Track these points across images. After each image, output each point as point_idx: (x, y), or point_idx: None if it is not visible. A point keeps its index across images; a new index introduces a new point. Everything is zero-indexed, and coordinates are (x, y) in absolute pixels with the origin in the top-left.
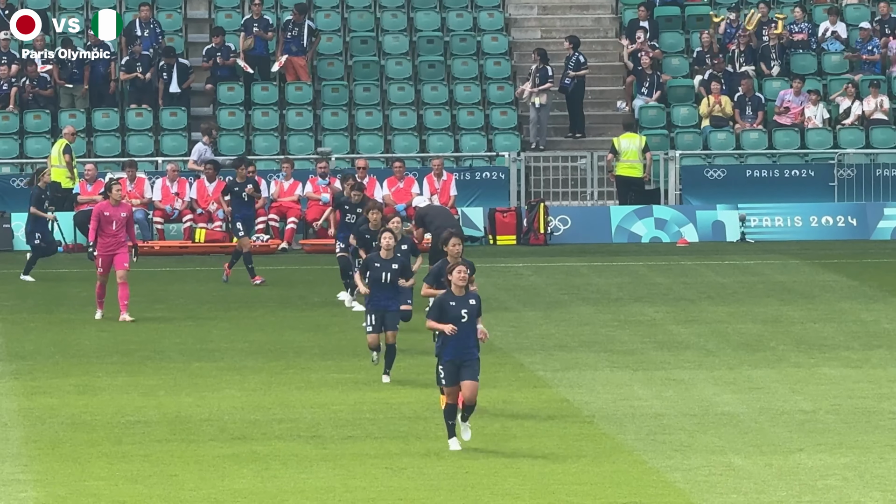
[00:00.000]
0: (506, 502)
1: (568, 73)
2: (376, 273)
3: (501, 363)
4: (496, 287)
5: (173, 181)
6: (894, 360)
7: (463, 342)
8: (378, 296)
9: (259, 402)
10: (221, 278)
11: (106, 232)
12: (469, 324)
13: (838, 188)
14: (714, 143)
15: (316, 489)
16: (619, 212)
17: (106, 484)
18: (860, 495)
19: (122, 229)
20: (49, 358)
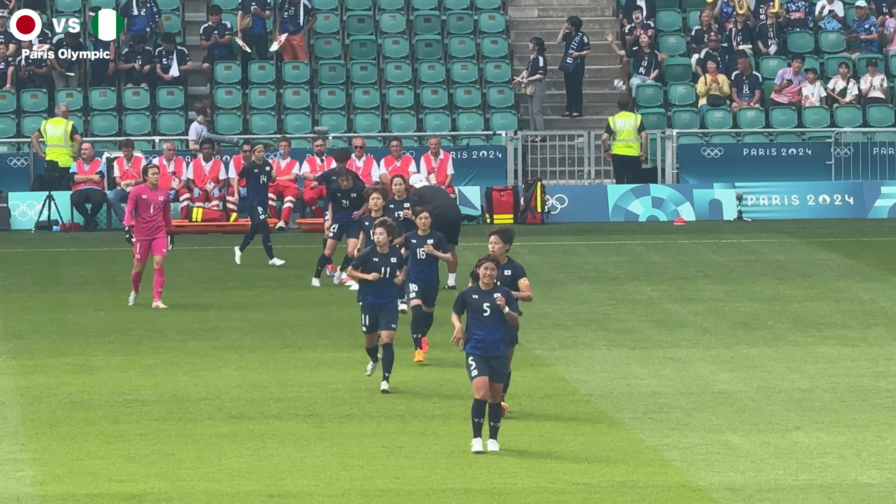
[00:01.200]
0: (503, 480)
1: (570, 53)
2: (375, 267)
3: None
4: None
5: (170, 160)
6: (891, 338)
7: (489, 337)
8: (371, 293)
9: (256, 380)
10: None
11: (143, 216)
12: (493, 318)
13: (835, 167)
14: (711, 121)
15: (313, 468)
16: (616, 191)
17: (103, 463)
18: (857, 473)
19: (159, 213)
20: (46, 337)
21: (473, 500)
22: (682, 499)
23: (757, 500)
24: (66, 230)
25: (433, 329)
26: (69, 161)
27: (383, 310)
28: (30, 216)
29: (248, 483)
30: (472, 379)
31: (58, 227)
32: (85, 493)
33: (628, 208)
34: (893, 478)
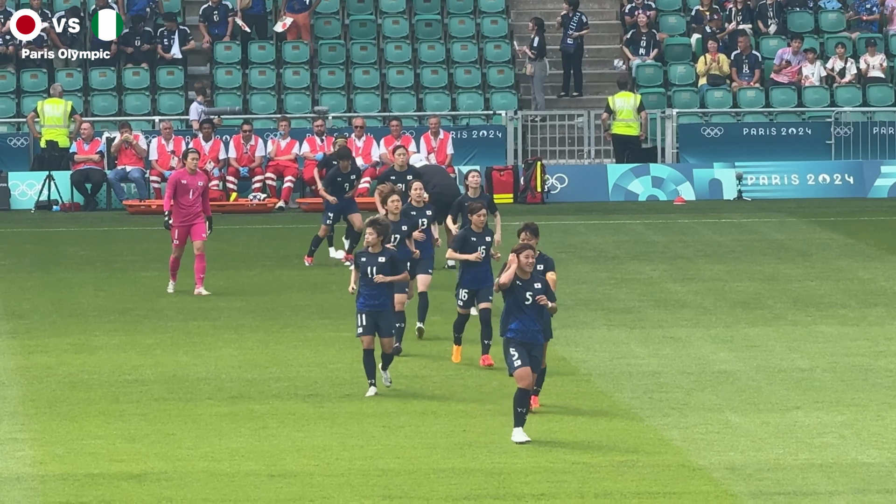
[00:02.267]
0: (503, 460)
1: (570, 33)
2: (362, 267)
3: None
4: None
5: (168, 140)
6: (891, 317)
7: (530, 326)
8: (367, 294)
9: (256, 360)
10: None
11: (182, 202)
12: (534, 306)
13: (835, 146)
14: (711, 101)
15: (313, 448)
16: (616, 170)
17: (103, 443)
18: (857, 453)
19: (198, 199)
20: (46, 317)
21: (474, 480)
22: (682, 478)
23: (757, 479)
24: (66, 210)
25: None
26: (67, 141)
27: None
28: (30, 196)
29: (248, 463)
30: (515, 369)
31: (58, 207)
32: (85, 473)
33: (628, 188)
34: (893, 457)
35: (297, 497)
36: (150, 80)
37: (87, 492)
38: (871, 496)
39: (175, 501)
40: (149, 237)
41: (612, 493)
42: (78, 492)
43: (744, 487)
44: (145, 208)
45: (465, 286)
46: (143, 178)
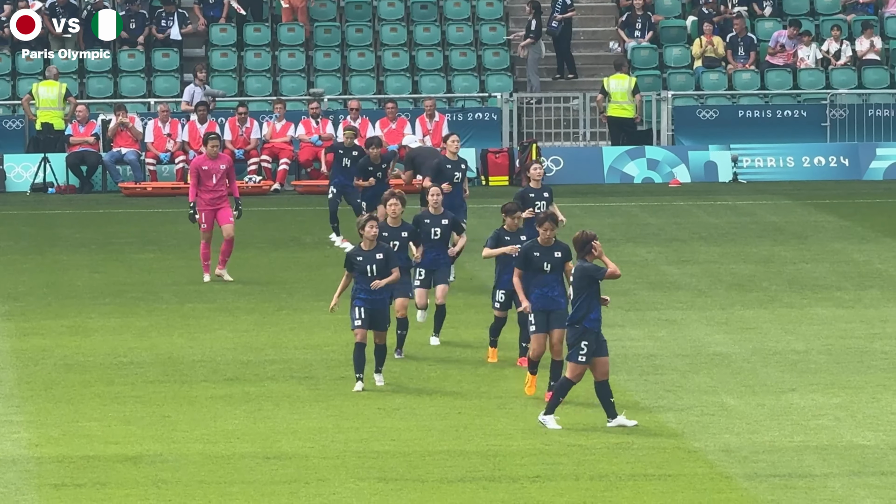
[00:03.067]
0: (497, 442)
1: (555, 16)
2: (360, 266)
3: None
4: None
5: (165, 122)
6: (886, 300)
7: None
8: (367, 289)
9: (251, 342)
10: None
11: (206, 186)
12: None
13: (830, 128)
14: (706, 83)
15: (308, 430)
16: (612, 152)
17: (99, 425)
18: (852, 435)
19: (222, 182)
20: (42, 299)
21: (469, 462)
22: (677, 461)
23: (752, 461)
24: (62, 192)
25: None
26: (62, 123)
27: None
28: (25, 178)
29: (243, 445)
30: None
31: (53, 190)
32: (80, 456)
33: (623, 170)
34: (888, 439)
35: (292, 479)
36: (146, 62)
37: (82, 474)
38: (866, 478)
39: (170, 483)
40: (144, 219)
41: (607, 476)
42: (73, 474)
43: (739, 470)
44: (140, 191)
45: (503, 287)
46: (139, 161)
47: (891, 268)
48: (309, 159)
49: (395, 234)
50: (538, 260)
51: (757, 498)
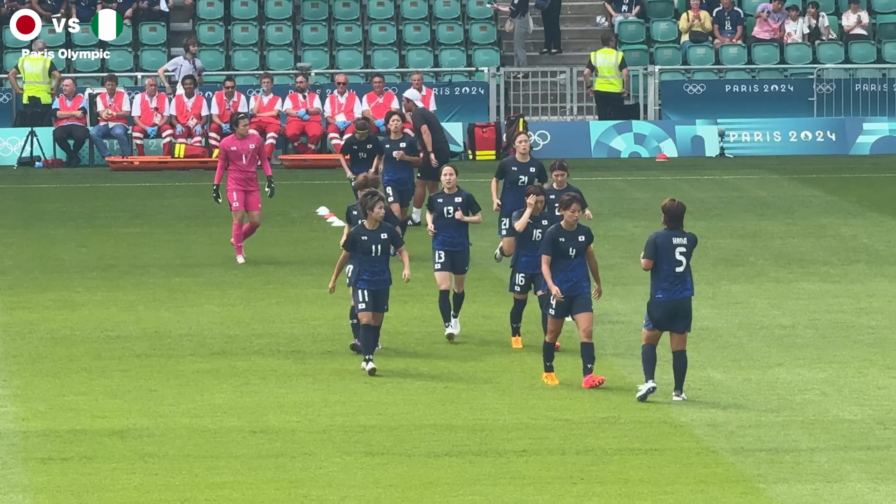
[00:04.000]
0: (485, 416)
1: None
2: (365, 246)
3: (480, 279)
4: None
5: (152, 96)
6: (873, 274)
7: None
8: (370, 271)
9: (238, 317)
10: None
11: (237, 167)
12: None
13: (817, 103)
14: (693, 58)
15: (295, 404)
16: (599, 127)
17: (85, 399)
18: (838, 409)
19: (252, 162)
20: (28, 273)
21: (456, 437)
22: (664, 435)
23: (738, 436)
24: (49, 166)
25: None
26: (49, 97)
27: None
28: (12, 152)
29: (230, 419)
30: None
31: (40, 164)
32: (67, 429)
33: (610, 144)
34: (875, 414)
35: (279, 453)
36: (133, 35)
37: (69, 448)
38: (852, 453)
39: (157, 457)
40: (131, 193)
41: (593, 450)
42: (60, 448)
43: (725, 444)
44: (128, 165)
45: (522, 270)
46: (126, 135)
47: (877, 242)
48: (296, 133)
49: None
50: (564, 245)
51: (743, 472)
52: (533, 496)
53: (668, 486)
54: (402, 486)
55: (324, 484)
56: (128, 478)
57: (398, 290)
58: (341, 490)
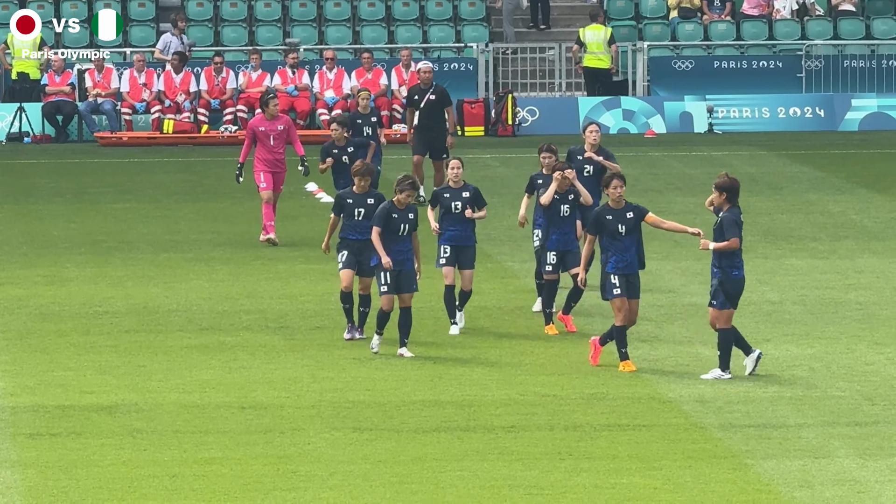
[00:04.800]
0: (473, 392)
1: None
2: (395, 225)
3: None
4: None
5: (141, 72)
6: (861, 250)
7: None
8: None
9: (227, 292)
10: None
11: (266, 147)
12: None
13: (806, 79)
14: (682, 34)
15: (284, 380)
16: (587, 103)
17: (74, 374)
18: (827, 386)
19: (281, 143)
20: (17, 248)
21: (444, 412)
22: (652, 411)
23: (727, 412)
24: (38, 142)
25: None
26: (38, 73)
27: (403, 270)
28: (1, 128)
29: (218, 395)
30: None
31: (29, 139)
32: (55, 405)
33: (599, 120)
34: (862, 390)
35: (267, 429)
36: (122, 11)
37: (57, 423)
38: (840, 429)
39: (145, 433)
40: (120, 169)
41: (581, 426)
42: (49, 423)
43: (713, 420)
44: (116, 140)
45: (553, 248)
46: (115, 111)
47: (865, 219)
48: (285, 109)
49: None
50: (611, 223)
51: (731, 448)
52: (521, 472)
53: (657, 462)
54: (391, 462)
55: (312, 459)
56: (116, 453)
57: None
58: (329, 466)
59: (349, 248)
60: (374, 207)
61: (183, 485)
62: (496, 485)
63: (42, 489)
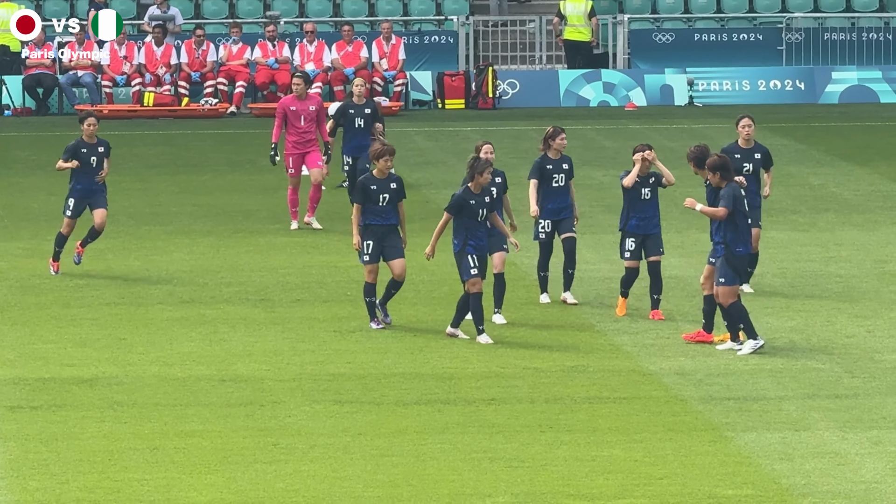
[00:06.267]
0: (454, 365)
1: None
2: (472, 210)
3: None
4: (444, 151)
5: (121, 45)
6: (841, 223)
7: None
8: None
9: (208, 265)
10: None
11: (295, 128)
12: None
13: (786, 52)
14: (662, 6)
15: (264, 352)
16: (568, 76)
17: (55, 347)
18: (807, 358)
19: (311, 124)
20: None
21: (425, 385)
22: (633, 383)
23: (707, 384)
24: (18, 114)
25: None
26: (19, 45)
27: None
28: None
29: (199, 367)
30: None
31: (9, 112)
32: (36, 378)
33: (579, 93)
34: (842, 362)
35: (248, 401)
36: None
37: (38, 396)
38: (820, 401)
39: (126, 406)
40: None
41: (562, 398)
42: (29, 396)
43: (694, 392)
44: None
45: (633, 233)
46: (95, 83)
47: (846, 191)
48: (265, 82)
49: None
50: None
51: (712, 420)
52: (502, 444)
53: (637, 435)
54: (371, 435)
55: (293, 432)
56: (97, 426)
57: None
58: (310, 438)
59: (374, 235)
60: (399, 192)
61: (164, 457)
62: (477, 457)
63: (23, 462)
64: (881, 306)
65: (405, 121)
